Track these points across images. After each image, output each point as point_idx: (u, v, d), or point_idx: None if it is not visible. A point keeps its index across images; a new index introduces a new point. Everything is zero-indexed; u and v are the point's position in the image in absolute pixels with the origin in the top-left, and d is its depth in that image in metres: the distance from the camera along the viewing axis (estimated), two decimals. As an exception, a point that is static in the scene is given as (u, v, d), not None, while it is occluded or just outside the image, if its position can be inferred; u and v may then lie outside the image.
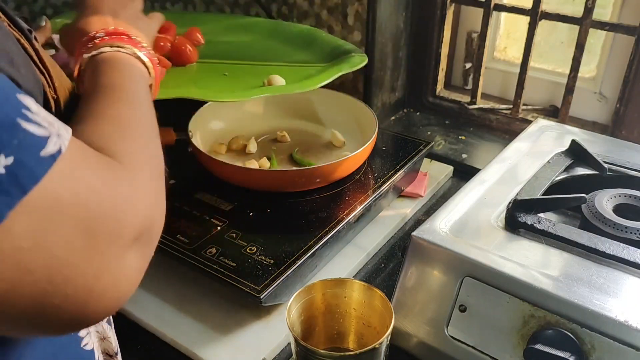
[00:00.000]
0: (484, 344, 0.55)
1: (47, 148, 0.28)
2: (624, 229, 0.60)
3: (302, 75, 0.80)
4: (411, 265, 0.60)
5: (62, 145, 0.29)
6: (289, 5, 1.07)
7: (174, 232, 0.69)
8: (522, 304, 0.52)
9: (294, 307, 0.57)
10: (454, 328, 0.56)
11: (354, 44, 0.86)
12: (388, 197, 0.83)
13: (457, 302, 0.56)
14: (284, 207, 0.75)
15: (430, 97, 1.12)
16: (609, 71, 0.97)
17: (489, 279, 0.55)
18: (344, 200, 0.76)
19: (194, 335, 0.64)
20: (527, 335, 0.52)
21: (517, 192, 0.66)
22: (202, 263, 0.65)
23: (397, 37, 1.04)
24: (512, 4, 0.98)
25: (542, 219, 0.60)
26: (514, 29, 1.06)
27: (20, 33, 0.38)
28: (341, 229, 0.71)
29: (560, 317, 0.51)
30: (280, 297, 0.64)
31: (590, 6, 0.87)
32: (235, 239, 0.68)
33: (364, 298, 0.59)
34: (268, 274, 0.63)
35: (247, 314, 0.66)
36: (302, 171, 0.76)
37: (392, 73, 1.07)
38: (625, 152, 0.75)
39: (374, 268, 0.76)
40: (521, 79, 0.98)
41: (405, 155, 0.85)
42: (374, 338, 0.54)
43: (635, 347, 0.47)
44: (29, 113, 0.28)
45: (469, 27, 1.09)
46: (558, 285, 0.52)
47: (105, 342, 0.44)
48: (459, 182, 0.93)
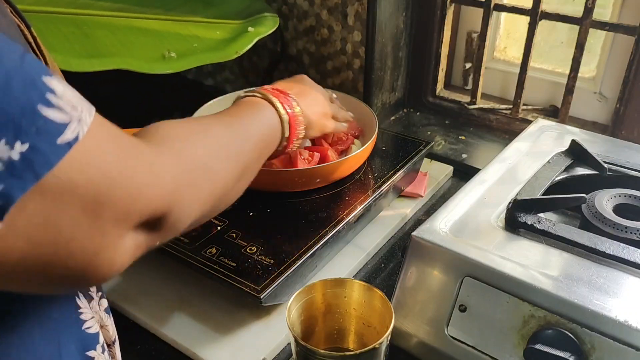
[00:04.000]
0: (484, 344, 0.55)
1: (65, 135, 0.29)
2: (624, 229, 0.60)
3: (218, 37, 0.76)
4: (411, 265, 0.60)
5: (80, 132, 0.30)
6: (289, 5, 1.07)
7: (174, 232, 0.69)
8: (522, 304, 0.52)
9: (294, 307, 0.57)
10: (454, 328, 0.56)
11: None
12: (388, 197, 0.83)
13: (457, 302, 0.56)
14: (284, 207, 0.75)
15: (430, 97, 1.12)
16: (609, 71, 0.97)
17: (489, 279, 0.55)
18: (344, 200, 0.76)
19: (194, 335, 0.64)
20: (527, 335, 0.52)
21: (517, 192, 0.66)
22: (202, 263, 0.65)
23: (397, 37, 1.04)
24: (512, 4, 0.98)
25: (542, 219, 0.60)
26: (514, 29, 1.06)
27: (21, 20, 0.38)
28: (341, 229, 0.71)
29: (560, 317, 0.51)
30: (280, 297, 0.64)
31: (590, 6, 0.87)
32: (235, 239, 0.68)
33: (364, 298, 0.59)
34: (268, 274, 0.63)
35: (247, 314, 0.66)
36: (302, 171, 0.76)
37: (392, 73, 1.07)
38: (625, 152, 0.75)
39: (374, 268, 0.76)
40: (521, 79, 0.98)
41: (405, 155, 0.85)
42: (374, 338, 0.54)
43: (635, 347, 0.47)
44: (52, 97, 0.28)
45: (469, 27, 1.09)
46: (558, 285, 0.52)
47: (104, 330, 0.44)
48: (459, 182, 0.93)
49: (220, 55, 0.75)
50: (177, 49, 0.78)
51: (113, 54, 0.73)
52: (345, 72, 1.06)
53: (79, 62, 0.69)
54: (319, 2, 1.02)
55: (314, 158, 0.78)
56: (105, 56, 0.72)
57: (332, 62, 1.07)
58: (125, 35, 0.76)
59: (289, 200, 0.76)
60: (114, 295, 0.68)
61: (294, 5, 1.06)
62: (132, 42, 0.76)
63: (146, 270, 0.72)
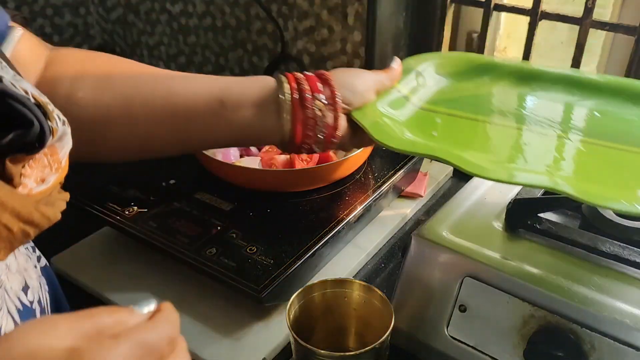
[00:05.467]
0: (484, 344, 0.55)
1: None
2: (624, 229, 0.60)
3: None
4: (411, 265, 0.60)
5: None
6: (289, 5, 1.07)
7: (174, 232, 0.69)
8: (522, 304, 0.52)
9: (294, 307, 0.57)
10: (454, 328, 0.56)
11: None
12: (388, 197, 0.83)
13: (457, 302, 0.56)
14: (284, 207, 0.75)
15: (430, 97, 1.12)
16: (609, 71, 0.96)
17: (489, 279, 0.55)
18: (344, 200, 0.76)
19: (194, 335, 0.64)
20: (527, 335, 0.52)
21: (517, 192, 0.66)
22: (202, 263, 0.65)
23: (397, 37, 1.04)
24: (512, 4, 0.98)
25: (542, 219, 0.60)
26: (514, 29, 1.06)
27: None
28: (341, 229, 0.71)
29: (560, 317, 0.51)
30: (280, 297, 0.64)
31: (590, 6, 0.87)
32: (235, 239, 0.68)
33: (364, 298, 0.59)
34: (268, 274, 0.63)
35: (247, 314, 0.66)
36: (302, 171, 0.76)
37: (392, 73, 1.07)
38: (625, 152, 0.75)
39: (374, 268, 0.76)
40: (521, 79, 0.98)
41: (405, 155, 0.85)
42: (374, 338, 0.54)
43: (635, 347, 0.47)
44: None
45: (469, 27, 1.09)
46: (558, 285, 0.52)
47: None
48: (459, 182, 0.93)
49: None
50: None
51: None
52: (345, 72, 1.06)
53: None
54: (319, 2, 1.02)
55: (313, 158, 0.78)
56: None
57: (332, 62, 1.07)
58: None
59: (289, 200, 0.76)
60: (114, 296, 0.68)
61: (294, 5, 1.06)
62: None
63: (146, 270, 0.72)
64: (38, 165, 0.35)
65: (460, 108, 0.64)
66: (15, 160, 0.33)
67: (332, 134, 0.58)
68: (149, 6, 1.33)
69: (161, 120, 0.56)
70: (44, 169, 0.36)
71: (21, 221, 0.32)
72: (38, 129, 0.33)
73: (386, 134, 0.56)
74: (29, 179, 0.34)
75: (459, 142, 0.58)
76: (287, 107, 0.56)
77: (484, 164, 0.52)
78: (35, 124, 0.33)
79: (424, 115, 0.63)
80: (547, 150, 0.57)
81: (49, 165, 0.36)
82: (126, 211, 0.73)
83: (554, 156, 0.56)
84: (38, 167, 0.35)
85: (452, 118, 0.62)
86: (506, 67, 0.71)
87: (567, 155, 0.56)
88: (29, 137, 0.33)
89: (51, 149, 0.36)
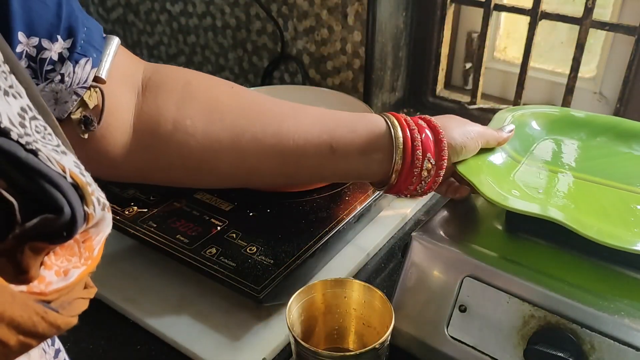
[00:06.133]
0: (484, 344, 0.55)
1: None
2: (624, 229, 0.60)
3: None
4: (411, 265, 0.60)
5: None
6: (289, 5, 1.07)
7: (174, 232, 0.69)
8: (522, 304, 0.52)
9: (294, 307, 0.57)
10: (454, 328, 0.56)
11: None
12: (388, 197, 0.83)
13: (457, 302, 0.56)
14: (284, 207, 0.75)
15: (430, 97, 1.12)
16: (609, 71, 0.97)
17: (489, 279, 0.55)
18: (344, 200, 0.76)
19: (194, 335, 0.64)
20: (527, 335, 0.52)
21: (517, 192, 0.66)
22: (202, 263, 0.65)
23: (397, 37, 1.04)
24: (512, 4, 0.98)
25: (542, 219, 0.60)
26: (514, 29, 1.06)
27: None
28: (341, 229, 0.71)
29: (560, 317, 0.51)
30: (280, 297, 0.64)
31: (590, 6, 0.87)
32: (235, 239, 0.68)
33: (364, 298, 0.59)
34: (268, 274, 0.63)
35: (247, 314, 0.66)
36: (302, 171, 0.76)
37: (392, 73, 1.07)
38: (625, 152, 0.75)
39: (374, 268, 0.76)
40: (521, 79, 0.98)
41: (405, 155, 0.85)
42: (374, 338, 0.54)
43: (635, 347, 0.47)
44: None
45: (469, 27, 1.09)
46: (558, 285, 0.52)
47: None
48: (459, 182, 0.93)
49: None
50: None
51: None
52: (345, 72, 1.06)
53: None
54: (319, 2, 1.02)
55: None
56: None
57: (332, 62, 1.07)
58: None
59: (289, 200, 0.76)
60: (114, 296, 0.68)
61: (294, 5, 1.06)
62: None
63: (146, 270, 0.72)
64: (65, 253, 0.29)
65: (566, 166, 0.67)
66: (36, 248, 0.27)
67: (431, 188, 0.60)
68: (149, 6, 1.33)
69: (271, 156, 0.56)
70: (71, 258, 0.30)
71: (21, 333, 0.25)
72: (69, 216, 0.27)
73: (494, 190, 0.59)
74: (50, 271, 0.28)
75: (580, 206, 0.59)
76: (397, 168, 0.57)
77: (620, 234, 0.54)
78: (66, 211, 0.27)
79: (528, 172, 0.65)
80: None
81: (78, 253, 0.30)
82: (126, 211, 0.73)
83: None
84: (65, 255, 0.29)
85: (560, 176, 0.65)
86: (601, 123, 0.73)
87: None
88: (58, 223, 0.27)
89: (83, 235, 0.30)
